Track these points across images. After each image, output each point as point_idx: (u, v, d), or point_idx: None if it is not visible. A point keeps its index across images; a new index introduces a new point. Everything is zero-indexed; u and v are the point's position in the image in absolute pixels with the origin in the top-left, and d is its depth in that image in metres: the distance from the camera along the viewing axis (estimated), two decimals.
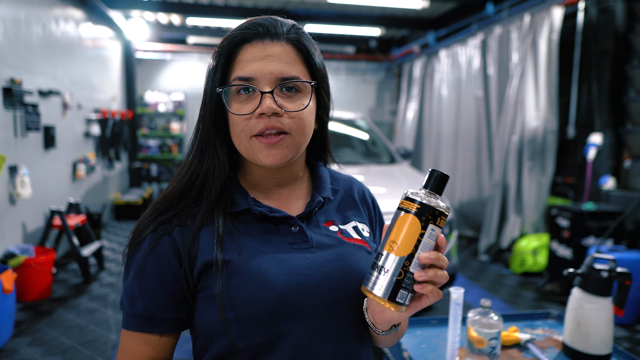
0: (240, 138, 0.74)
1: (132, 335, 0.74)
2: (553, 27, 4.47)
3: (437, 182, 0.66)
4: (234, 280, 0.71)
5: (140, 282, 0.73)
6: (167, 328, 0.74)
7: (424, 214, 0.63)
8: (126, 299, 0.74)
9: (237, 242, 0.74)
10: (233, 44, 0.74)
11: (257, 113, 0.71)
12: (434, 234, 0.64)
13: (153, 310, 0.72)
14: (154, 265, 0.73)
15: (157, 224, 0.74)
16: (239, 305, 0.70)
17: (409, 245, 0.63)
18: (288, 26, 0.77)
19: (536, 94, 4.69)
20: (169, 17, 7.56)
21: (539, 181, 4.79)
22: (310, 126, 0.77)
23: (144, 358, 0.74)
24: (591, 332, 1.27)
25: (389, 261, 0.64)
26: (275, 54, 0.73)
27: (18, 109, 3.77)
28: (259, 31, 0.74)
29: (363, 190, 0.96)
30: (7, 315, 2.95)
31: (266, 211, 0.77)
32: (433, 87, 7.00)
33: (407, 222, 0.64)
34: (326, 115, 0.84)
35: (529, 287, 4.25)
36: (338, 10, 6.84)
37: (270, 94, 0.71)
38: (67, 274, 4.31)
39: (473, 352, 1.24)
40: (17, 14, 3.82)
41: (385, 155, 4.30)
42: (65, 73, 4.91)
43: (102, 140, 6.13)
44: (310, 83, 0.75)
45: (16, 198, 3.69)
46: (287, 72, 0.73)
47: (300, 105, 0.74)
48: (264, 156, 0.73)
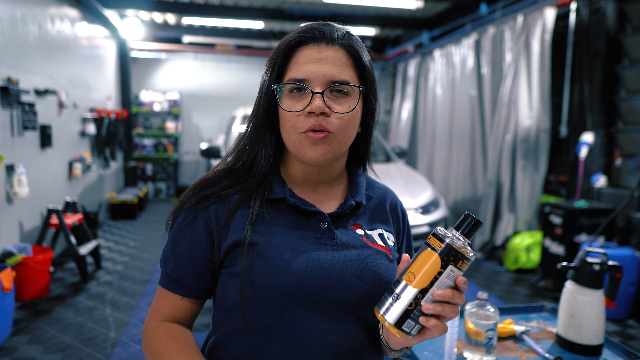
0: (290, 133, 0.79)
1: (161, 291, 0.84)
2: (546, 27, 4.53)
3: (469, 227, 0.69)
4: (258, 262, 0.76)
5: (174, 247, 0.81)
6: (188, 293, 0.82)
7: (446, 254, 0.66)
8: (162, 259, 0.83)
9: (268, 227, 0.80)
10: (291, 46, 0.80)
11: (306, 111, 0.77)
12: (453, 275, 0.67)
13: (179, 273, 0.81)
14: (187, 236, 0.81)
15: (198, 199, 0.82)
16: (258, 285, 0.75)
17: (425, 280, 0.66)
18: (343, 32, 0.81)
19: (529, 93, 4.75)
20: (164, 16, 7.56)
21: (532, 179, 4.86)
22: (354, 129, 0.82)
23: (167, 313, 0.83)
24: (584, 323, 1.32)
25: (404, 290, 0.68)
26: (329, 57, 0.78)
27: (15, 108, 3.77)
28: (315, 35, 0.79)
29: (396, 202, 0.99)
30: (6, 313, 2.96)
31: (300, 203, 0.82)
32: (427, 87, 7.05)
33: (429, 259, 0.67)
34: (372, 119, 0.88)
35: (522, 284, 4.31)
36: (333, 10, 6.88)
37: (320, 94, 0.76)
38: (64, 273, 4.31)
39: (471, 343, 1.28)
40: (13, 13, 3.82)
41: (381, 154, 4.34)
42: (61, 72, 4.91)
43: (98, 139, 6.13)
44: (359, 87, 0.80)
45: (13, 197, 3.69)
46: (338, 75, 0.78)
47: (347, 107, 0.78)
48: (309, 151, 0.78)
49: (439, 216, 3.21)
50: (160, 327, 0.82)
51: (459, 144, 6.03)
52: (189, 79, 8.74)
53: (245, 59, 8.85)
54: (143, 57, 8.50)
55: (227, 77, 8.78)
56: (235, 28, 8.09)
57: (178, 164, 8.86)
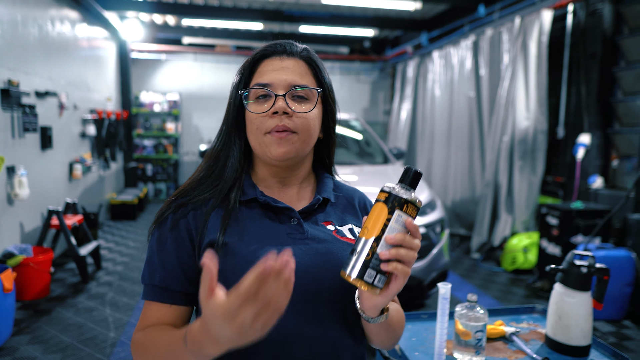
0: (256, 135, 0.86)
1: (150, 304, 0.84)
2: (543, 29, 4.56)
3: (411, 177, 0.75)
4: (230, 260, 0.80)
5: (161, 257, 0.84)
6: (178, 300, 0.84)
7: (391, 202, 0.72)
8: (147, 272, 0.85)
9: (240, 226, 0.84)
10: (256, 59, 0.90)
11: (270, 112, 0.84)
12: (401, 219, 0.72)
13: (168, 282, 0.83)
14: (172, 244, 0.84)
15: (177, 207, 0.86)
16: (231, 284, 0.72)
17: (377, 229, 0.71)
18: (302, 47, 0.93)
19: (526, 94, 4.78)
20: (164, 18, 7.60)
21: (530, 180, 4.89)
22: (315, 129, 0.89)
23: (156, 322, 0.83)
24: (571, 325, 1.35)
25: (360, 244, 0.72)
26: (290, 66, 0.88)
27: (16, 110, 3.80)
28: (277, 49, 0.89)
29: (364, 200, 1.04)
30: (7, 313, 2.99)
31: (271, 201, 0.87)
32: (426, 88, 7.07)
33: (377, 210, 0.73)
34: (333, 124, 0.96)
35: (519, 284, 4.34)
36: (332, 11, 6.91)
37: (282, 96, 0.84)
38: (65, 273, 4.35)
39: (460, 344, 1.31)
40: (14, 15, 3.85)
41: (379, 156, 4.37)
42: (62, 74, 4.94)
43: (98, 140, 6.16)
44: (317, 90, 0.88)
45: (14, 198, 3.72)
46: (298, 81, 0.87)
47: (307, 108, 0.87)
48: (274, 149, 0.84)
49: (436, 217, 3.23)
50: (149, 330, 0.82)
51: (457, 144, 6.05)
52: (188, 80, 8.77)
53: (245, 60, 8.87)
54: (143, 58, 8.53)
55: (226, 78, 8.80)
56: (235, 29, 8.12)
57: (178, 165, 8.89)
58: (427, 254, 3.08)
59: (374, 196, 1.04)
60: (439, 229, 3.25)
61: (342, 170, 4.07)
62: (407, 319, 1.58)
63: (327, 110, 0.94)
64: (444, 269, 3.24)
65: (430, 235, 3.12)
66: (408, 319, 1.58)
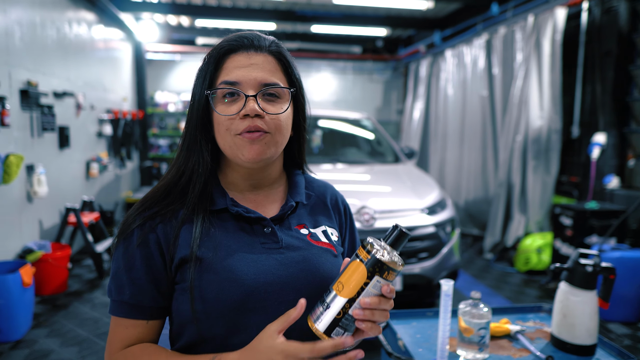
0: (225, 137, 0.80)
1: (119, 320, 0.80)
2: (556, 27, 4.51)
3: (396, 237, 0.72)
4: (206, 276, 0.77)
5: (129, 273, 0.79)
6: (151, 315, 0.80)
7: (372, 266, 0.70)
8: (114, 287, 0.80)
9: (213, 240, 0.80)
10: (221, 54, 0.82)
11: (241, 114, 0.78)
12: (379, 284, 0.70)
13: (139, 298, 0.79)
14: (141, 259, 0.79)
15: (143, 219, 0.80)
16: (209, 299, 0.76)
17: (352, 291, 0.70)
18: (270, 41, 0.85)
19: (540, 93, 4.73)
20: (178, 19, 7.69)
21: (544, 180, 4.84)
22: (287, 129, 0.84)
23: (132, 340, 0.80)
24: (576, 323, 1.35)
25: (333, 300, 0.71)
26: (259, 62, 0.81)
27: (34, 110, 3.91)
28: (244, 43, 0.82)
29: (336, 196, 1.01)
30: (27, 307, 3.08)
31: (242, 211, 0.83)
32: (439, 87, 7.04)
33: (356, 270, 0.70)
34: (303, 121, 0.91)
35: (532, 285, 4.31)
36: (344, 11, 6.92)
37: (254, 97, 0.79)
38: (81, 269, 4.45)
39: (463, 341, 1.33)
40: (32, 17, 3.95)
41: (390, 155, 4.37)
42: (79, 75, 5.05)
43: (114, 139, 6.27)
44: (289, 89, 0.84)
45: (33, 196, 3.82)
46: (269, 78, 0.81)
47: (280, 109, 0.82)
48: (246, 151, 0.79)
49: (446, 217, 3.23)
50: (131, 351, 0.79)
51: (470, 144, 6.02)
52: None
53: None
54: (158, 59, 8.65)
55: None
56: (248, 30, 8.17)
57: None
58: (436, 254, 3.09)
59: (380, 194, 1.04)
60: (449, 228, 3.25)
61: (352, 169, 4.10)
62: (412, 316, 1.60)
63: (298, 108, 0.88)
64: (454, 269, 3.24)
65: (440, 235, 3.12)
66: (413, 316, 1.60)
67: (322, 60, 9.15)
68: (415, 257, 3.02)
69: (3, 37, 3.47)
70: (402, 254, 3.01)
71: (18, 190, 3.65)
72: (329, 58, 9.08)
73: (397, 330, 1.48)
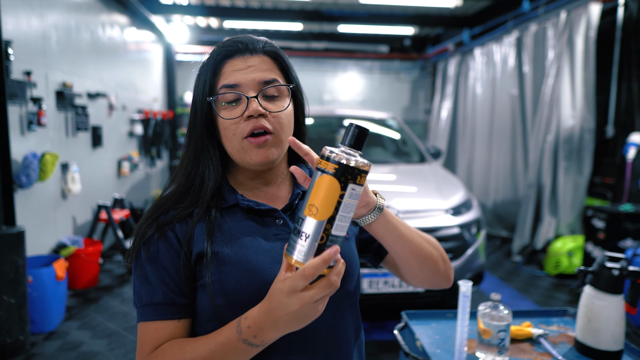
0: (232, 141, 0.82)
1: (150, 325, 0.79)
2: (590, 23, 4.37)
3: (355, 136, 0.65)
4: (224, 269, 0.78)
5: (158, 274, 0.79)
6: (183, 313, 0.80)
7: (343, 175, 0.62)
8: (144, 293, 0.79)
9: (226, 234, 0.82)
10: (218, 60, 0.84)
11: (245, 115, 0.80)
12: (355, 193, 0.63)
13: (172, 296, 0.79)
14: (167, 257, 0.80)
15: (161, 224, 0.81)
16: (228, 291, 0.78)
17: (329, 209, 0.62)
18: (263, 42, 0.86)
19: (572, 92, 4.59)
20: (208, 21, 7.83)
21: (576, 181, 4.69)
22: (290, 126, 0.86)
23: (164, 342, 0.79)
24: (601, 328, 1.31)
25: (309, 226, 0.63)
26: (256, 63, 0.83)
27: (69, 111, 4.06)
28: (239, 47, 0.83)
29: None
30: (60, 300, 3.20)
31: (253, 205, 0.85)
32: (467, 86, 6.93)
33: (326, 184, 0.62)
34: (303, 117, 0.92)
35: (562, 289, 4.18)
36: (371, 10, 6.89)
37: (255, 98, 0.80)
38: (112, 265, 4.59)
39: (482, 343, 1.31)
40: (68, 21, 4.10)
41: (415, 155, 4.33)
42: (111, 76, 5.21)
43: (145, 139, 6.44)
44: (288, 86, 0.85)
45: (67, 193, 3.97)
46: (268, 76, 0.82)
47: (281, 106, 0.83)
48: (254, 155, 0.81)
49: (471, 217, 3.18)
50: (161, 348, 0.78)
51: (499, 144, 5.90)
52: None
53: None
54: (187, 60, 8.82)
55: None
56: (275, 30, 8.24)
57: None
58: (461, 255, 3.04)
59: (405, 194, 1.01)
60: (475, 229, 3.19)
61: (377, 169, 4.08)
62: (432, 317, 1.58)
63: (297, 104, 0.90)
64: (479, 270, 3.18)
65: (464, 236, 3.07)
66: (432, 317, 1.58)
67: (349, 60, 9.14)
68: None
69: (40, 40, 3.62)
70: None
71: (53, 188, 3.80)
72: (355, 58, 9.06)
73: (415, 330, 1.47)
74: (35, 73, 3.46)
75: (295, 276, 0.64)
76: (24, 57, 3.34)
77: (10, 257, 2.73)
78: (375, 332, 3.21)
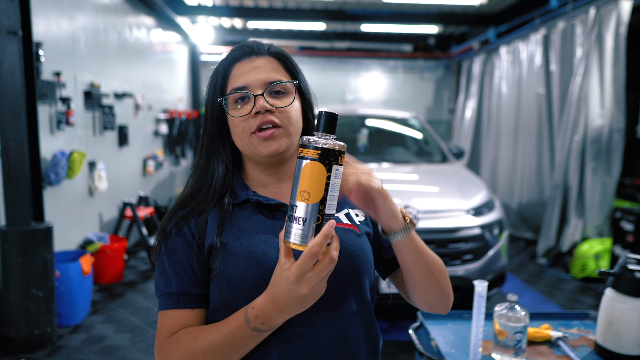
0: (242, 137, 0.87)
1: (167, 313, 0.85)
2: (621, 20, 4.24)
3: (327, 122, 0.70)
4: (230, 259, 0.82)
5: (173, 267, 0.85)
6: (196, 303, 0.85)
7: (326, 158, 0.67)
8: (162, 283, 0.86)
9: (236, 227, 0.86)
10: (226, 64, 0.90)
11: (253, 112, 0.85)
12: (339, 172, 0.69)
13: (185, 287, 0.84)
14: (181, 251, 0.86)
15: (178, 219, 0.88)
16: (233, 280, 0.81)
17: (320, 191, 0.67)
18: (268, 45, 0.93)
19: (601, 90, 4.46)
20: (232, 21, 7.92)
21: (604, 182, 4.56)
22: (298, 120, 0.90)
23: (179, 329, 0.84)
24: (622, 332, 1.27)
25: (304, 210, 0.68)
26: (261, 65, 0.89)
27: (96, 110, 4.17)
28: (245, 51, 0.90)
29: None
30: (86, 294, 3.30)
31: (262, 200, 0.89)
32: (492, 85, 6.82)
33: (313, 170, 0.67)
34: (311, 113, 0.96)
35: (589, 293, 4.07)
36: (394, 9, 6.84)
37: (261, 95, 0.86)
38: (136, 261, 4.69)
39: (498, 344, 1.29)
40: (96, 23, 4.22)
41: (437, 155, 4.28)
42: (138, 76, 5.33)
43: (170, 138, 6.56)
44: (293, 82, 0.89)
45: (94, 191, 4.08)
46: (273, 76, 0.88)
47: (287, 102, 0.88)
48: (263, 148, 0.85)
49: (493, 218, 3.12)
50: (176, 335, 0.82)
51: (525, 144, 5.78)
52: None
53: (308, 59, 9.02)
54: (212, 61, 8.94)
55: None
56: (299, 30, 8.28)
57: None
58: (482, 256, 2.99)
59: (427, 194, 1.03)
60: (497, 230, 3.14)
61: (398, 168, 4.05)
62: (448, 317, 1.56)
63: (305, 101, 0.94)
64: (500, 272, 3.12)
65: (485, 237, 3.02)
66: (449, 317, 1.56)
67: (372, 60, 9.09)
68: (459, 259, 2.95)
69: (69, 42, 3.73)
70: (446, 255, 2.94)
71: (81, 185, 3.92)
72: (379, 57, 9.01)
73: (430, 330, 1.46)
74: (64, 74, 3.57)
75: (303, 258, 0.67)
76: (53, 58, 3.45)
77: (38, 251, 2.83)
78: (394, 332, 3.19)
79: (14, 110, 2.76)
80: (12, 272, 2.78)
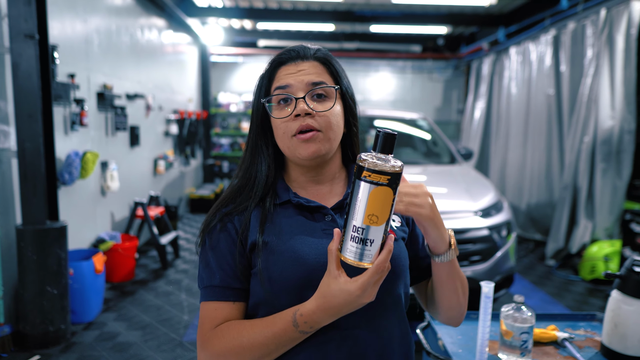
0: (283, 139, 0.90)
1: (210, 304, 0.89)
2: (632, 21, 4.21)
3: (387, 141, 0.72)
4: (272, 258, 0.86)
5: (217, 260, 0.89)
6: (237, 296, 0.89)
7: (394, 182, 0.70)
8: (206, 276, 0.90)
9: (277, 227, 0.89)
10: (273, 67, 0.94)
11: (293, 115, 0.88)
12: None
13: (228, 281, 0.88)
14: (225, 245, 0.90)
15: (222, 215, 0.92)
16: (274, 278, 0.85)
17: (386, 213, 0.71)
18: (314, 49, 0.95)
19: (612, 92, 4.44)
20: (242, 23, 7.97)
21: (614, 184, 4.53)
22: (338, 125, 0.91)
23: (221, 321, 0.88)
24: (628, 333, 1.29)
25: (374, 232, 0.71)
26: (306, 68, 0.91)
27: (109, 111, 4.24)
28: (292, 55, 0.93)
29: None
30: (98, 292, 3.36)
31: (303, 201, 0.92)
32: (502, 85, 6.80)
33: (382, 195, 0.70)
34: (353, 119, 0.98)
35: (598, 295, 4.06)
36: (404, 10, 6.84)
37: (302, 98, 0.88)
38: (147, 260, 4.76)
39: (504, 344, 1.31)
40: (109, 25, 4.28)
41: (446, 156, 4.29)
42: (149, 77, 5.39)
43: (180, 139, 6.63)
44: (335, 87, 0.91)
45: (106, 190, 4.15)
46: (316, 79, 0.90)
47: (328, 107, 0.89)
48: (302, 150, 0.88)
49: (501, 220, 3.13)
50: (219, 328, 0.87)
51: (534, 145, 5.76)
52: None
53: None
54: (221, 61, 9.01)
55: None
56: (308, 31, 8.32)
57: None
58: (490, 257, 3.00)
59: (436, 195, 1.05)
60: (505, 231, 3.15)
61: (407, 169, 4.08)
62: None
63: (347, 106, 0.95)
64: (508, 273, 3.13)
65: (493, 238, 3.03)
66: None
67: (381, 60, 9.10)
68: (467, 260, 2.96)
69: (83, 44, 3.80)
70: None
71: (93, 185, 3.98)
72: (388, 57, 9.01)
73: (437, 330, 1.49)
74: (78, 75, 3.64)
75: (370, 274, 0.73)
76: (68, 60, 3.51)
77: (53, 250, 2.89)
78: None
79: (31, 112, 2.82)
80: (28, 270, 2.84)
